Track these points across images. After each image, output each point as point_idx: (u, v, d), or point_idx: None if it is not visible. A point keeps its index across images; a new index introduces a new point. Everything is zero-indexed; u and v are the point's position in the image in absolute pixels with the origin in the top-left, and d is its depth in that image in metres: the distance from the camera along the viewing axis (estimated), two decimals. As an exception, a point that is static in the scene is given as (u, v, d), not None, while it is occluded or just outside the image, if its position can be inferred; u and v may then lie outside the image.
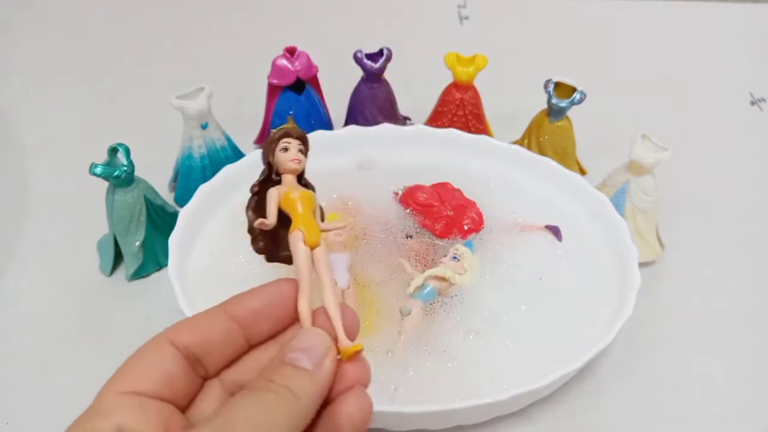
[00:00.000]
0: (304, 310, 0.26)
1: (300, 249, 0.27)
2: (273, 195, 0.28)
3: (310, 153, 0.30)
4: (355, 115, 0.52)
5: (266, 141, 0.29)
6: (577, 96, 0.47)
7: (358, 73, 0.51)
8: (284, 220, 0.28)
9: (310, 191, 0.29)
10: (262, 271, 0.41)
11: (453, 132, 0.48)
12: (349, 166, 0.48)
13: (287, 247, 0.28)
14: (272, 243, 0.29)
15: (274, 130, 0.29)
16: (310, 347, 0.23)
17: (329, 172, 0.47)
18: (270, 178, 0.29)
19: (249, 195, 0.29)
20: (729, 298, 0.45)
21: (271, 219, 0.28)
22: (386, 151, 0.48)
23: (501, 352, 0.37)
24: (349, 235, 0.42)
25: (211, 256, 0.42)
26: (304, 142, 0.30)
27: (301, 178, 0.30)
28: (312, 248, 0.27)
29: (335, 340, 0.25)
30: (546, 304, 0.39)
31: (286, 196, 0.28)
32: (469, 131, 0.50)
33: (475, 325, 0.38)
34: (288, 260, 0.28)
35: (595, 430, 0.37)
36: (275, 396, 0.22)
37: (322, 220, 0.30)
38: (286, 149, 0.29)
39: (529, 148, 0.49)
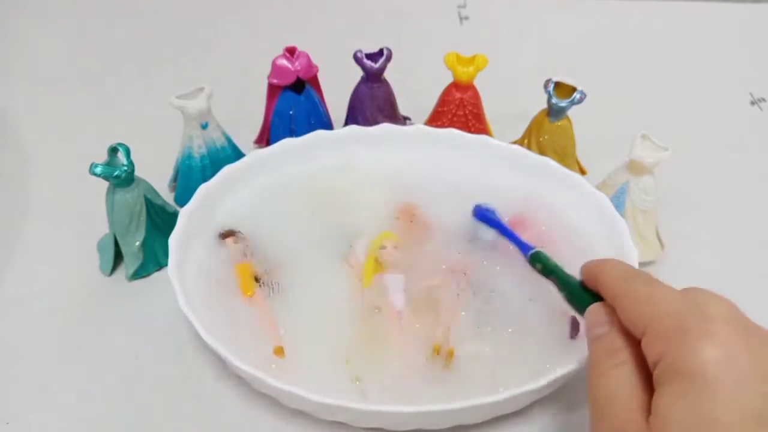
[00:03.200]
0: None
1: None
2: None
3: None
4: (355, 115, 0.52)
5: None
6: (577, 96, 0.47)
7: (358, 73, 0.51)
8: None
9: (245, 263, 0.41)
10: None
11: (453, 132, 0.48)
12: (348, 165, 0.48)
13: None
14: None
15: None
16: None
17: (328, 171, 0.47)
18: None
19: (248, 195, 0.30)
20: (729, 298, 0.44)
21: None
22: (386, 151, 0.48)
23: (501, 350, 0.37)
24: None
25: (211, 256, 0.42)
26: (230, 234, 0.43)
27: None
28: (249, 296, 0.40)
29: None
30: (546, 304, 0.39)
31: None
32: (469, 131, 0.50)
33: (476, 324, 0.38)
34: None
35: (595, 430, 0.37)
36: None
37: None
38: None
39: (529, 148, 0.49)
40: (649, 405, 0.25)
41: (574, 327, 0.38)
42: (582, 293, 0.33)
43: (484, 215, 0.44)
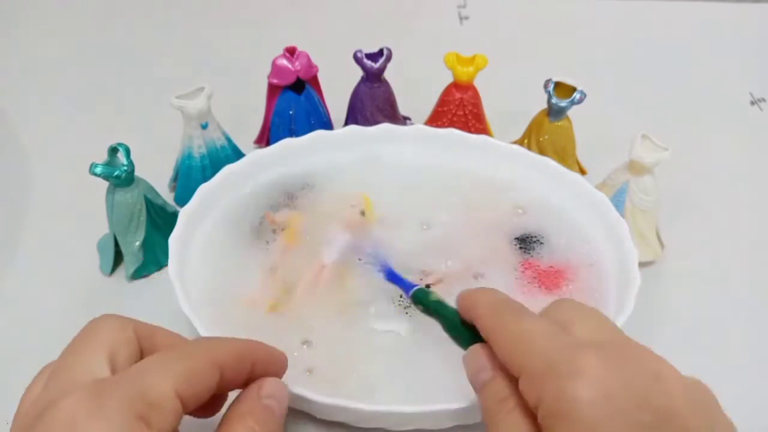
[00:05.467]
0: None
1: None
2: None
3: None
4: (355, 115, 0.52)
5: None
6: (577, 96, 0.47)
7: (358, 73, 0.51)
8: None
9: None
10: (260, 270, 0.41)
11: (453, 132, 0.48)
12: (348, 164, 0.48)
13: None
14: None
15: None
16: (280, 395, 0.29)
17: (328, 171, 0.47)
18: None
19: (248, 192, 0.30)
20: (729, 298, 0.45)
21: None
22: (386, 150, 0.48)
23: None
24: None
25: (211, 255, 0.42)
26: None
27: None
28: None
29: None
30: (545, 304, 0.39)
31: None
32: (469, 131, 0.50)
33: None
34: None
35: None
36: None
37: None
38: None
39: (529, 148, 0.49)
40: None
41: None
42: (464, 332, 0.31)
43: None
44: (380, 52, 0.49)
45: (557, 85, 0.47)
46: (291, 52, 0.49)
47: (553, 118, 0.49)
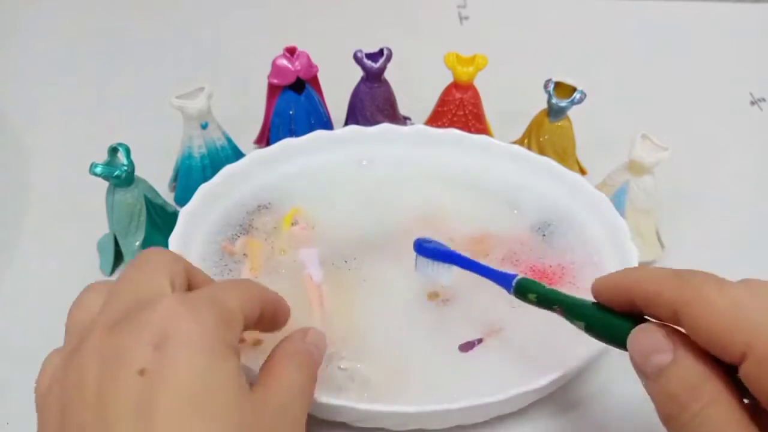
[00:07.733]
0: None
1: None
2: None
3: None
4: (355, 115, 0.52)
5: None
6: (577, 96, 0.47)
7: (358, 73, 0.51)
8: None
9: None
10: (260, 268, 0.41)
11: (453, 132, 0.48)
12: (349, 164, 0.48)
13: None
14: None
15: None
16: (320, 344, 0.32)
17: (328, 171, 0.47)
18: None
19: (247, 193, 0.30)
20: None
21: None
22: (386, 151, 0.48)
23: (501, 351, 0.37)
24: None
25: (211, 256, 0.42)
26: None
27: None
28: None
29: None
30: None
31: None
32: (469, 131, 0.50)
33: (476, 325, 0.38)
34: None
35: (595, 431, 0.37)
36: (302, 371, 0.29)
37: None
38: None
39: (529, 148, 0.49)
40: None
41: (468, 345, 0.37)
42: (609, 317, 0.27)
43: (428, 251, 0.37)
44: (380, 52, 0.49)
45: (557, 85, 0.47)
46: (291, 52, 0.49)
47: (553, 118, 0.49)
